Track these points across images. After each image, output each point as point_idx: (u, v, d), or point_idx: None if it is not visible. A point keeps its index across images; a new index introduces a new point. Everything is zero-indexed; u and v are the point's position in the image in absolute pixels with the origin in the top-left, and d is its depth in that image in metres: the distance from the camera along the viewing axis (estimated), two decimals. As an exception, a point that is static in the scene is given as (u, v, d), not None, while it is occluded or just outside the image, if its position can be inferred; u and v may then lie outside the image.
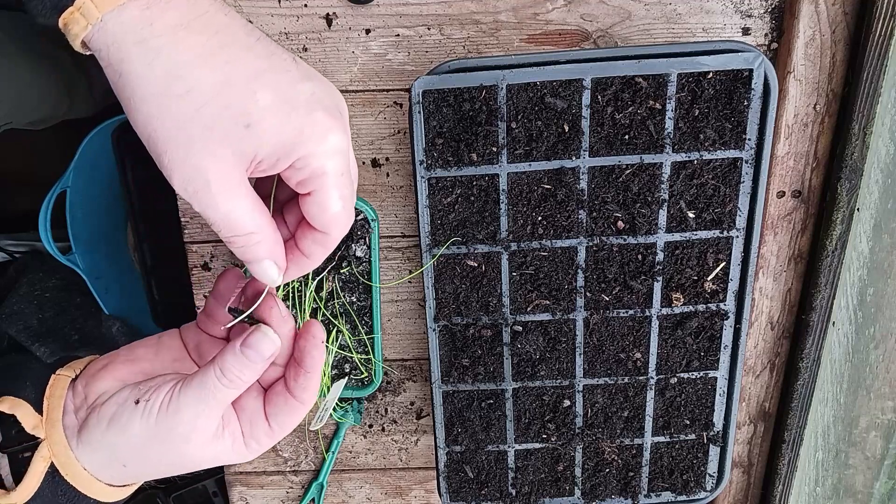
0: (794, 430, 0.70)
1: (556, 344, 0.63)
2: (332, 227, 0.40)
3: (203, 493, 1.23)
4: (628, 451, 0.67)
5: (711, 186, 0.58)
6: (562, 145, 0.57)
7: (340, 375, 0.69)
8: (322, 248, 0.41)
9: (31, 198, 1.17)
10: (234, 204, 0.36)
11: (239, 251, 0.39)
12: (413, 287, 0.70)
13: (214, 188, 0.35)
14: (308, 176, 0.38)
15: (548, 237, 0.60)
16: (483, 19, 0.61)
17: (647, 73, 0.55)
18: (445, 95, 0.56)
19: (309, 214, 0.40)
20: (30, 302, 1.17)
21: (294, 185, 0.39)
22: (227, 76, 0.35)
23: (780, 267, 0.67)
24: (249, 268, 0.40)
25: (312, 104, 0.37)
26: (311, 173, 0.38)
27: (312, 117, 0.37)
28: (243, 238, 0.38)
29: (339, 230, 0.41)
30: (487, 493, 0.69)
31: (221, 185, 0.36)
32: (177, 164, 0.35)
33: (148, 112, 0.35)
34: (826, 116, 0.62)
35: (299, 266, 0.42)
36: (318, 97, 0.38)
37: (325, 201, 0.39)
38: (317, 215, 0.39)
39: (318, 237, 0.41)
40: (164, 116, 0.34)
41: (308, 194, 0.39)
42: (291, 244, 0.42)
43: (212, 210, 0.36)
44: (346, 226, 0.41)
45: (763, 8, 0.60)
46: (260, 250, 0.39)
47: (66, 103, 0.98)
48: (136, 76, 0.34)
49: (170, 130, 0.35)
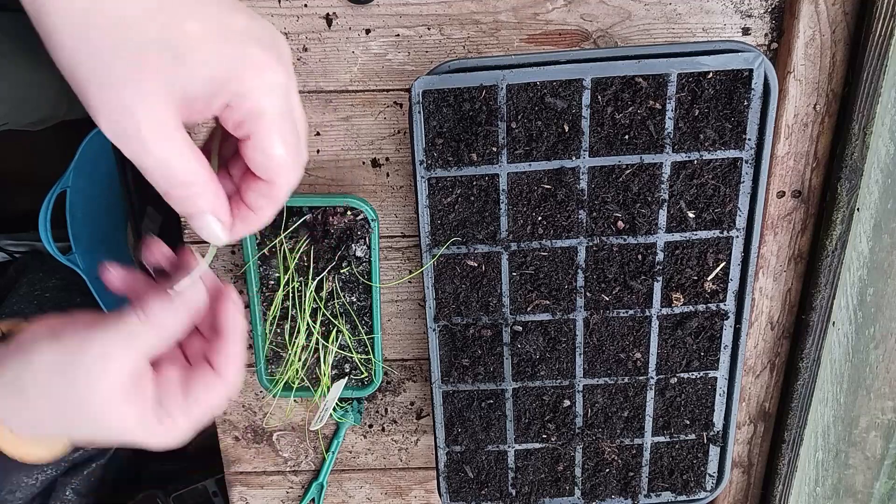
0: (794, 430, 0.70)
1: (556, 344, 0.63)
2: (276, 174, 0.38)
3: (203, 493, 1.23)
4: (628, 451, 0.67)
5: (711, 186, 0.58)
6: (562, 145, 0.57)
7: (340, 375, 0.69)
8: (268, 200, 0.39)
9: (31, 198, 1.17)
10: (168, 149, 0.34)
11: (177, 204, 0.37)
12: (413, 287, 0.70)
13: (145, 130, 0.33)
14: (244, 116, 0.35)
15: (548, 237, 0.60)
16: (483, 19, 0.61)
17: (647, 73, 0.55)
18: (445, 95, 0.56)
19: (251, 161, 0.37)
20: (30, 302, 1.17)
21: (232, 129, 0.36)
22: (153, 6, 0.33)
23: (780, 267, 0.67)
24: (191, 223, 0.38)
25: (246, 38, 0.35)
26: (247, 112, 0.35)
27: (246, 51, 0.35)
28: (181, 189, 0.36)
29: (284, 179, 0.38)
30: (487, 493, 0.69)
31: (153, 127, 0.33)
32: (103, 103, 0.32)
33: (71, 46, 0.32)
34: (826, 116, 0.62)
35: (247, 223, 0.39)
36: (254, 32, 0.35)
37: (264, 145, 0.36)
38: (258, 161, 0.37)
39: (263, 188, 0.38)
40: (86, 51, 0.32)
41: (247, 138, 0.36)
42: (237, 199, 0.39)
43: (145, 155, 0.34)
44: (293, 174, 0.38)
45: (763, 8, 0.60)
46: (200, 202, 0.37)
47: (65, 104, 0.98)
48: (55, 7, 0.32)
49: (93, 66, 0.32)
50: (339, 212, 0.62)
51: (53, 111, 0.98)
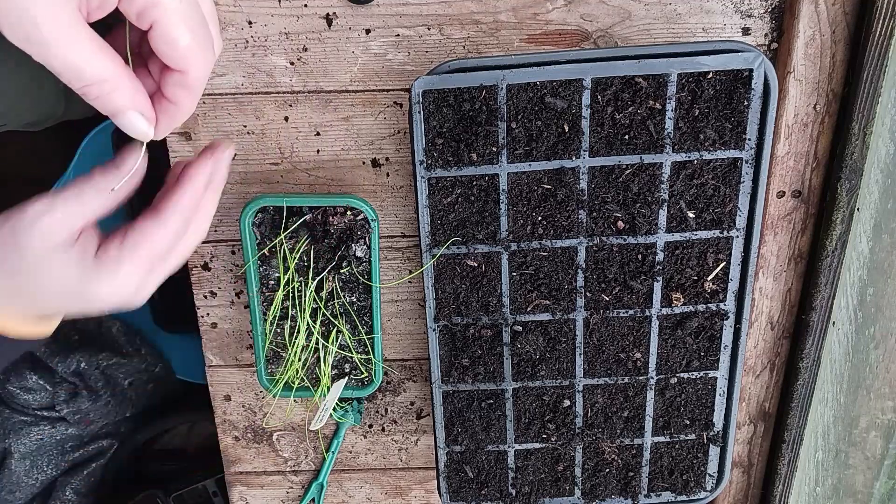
0: (794, 430, 0.70)
1: (556, 344, 0.63)
2: (187, 62, 0.37)
3: (203, 492, 1.23)
4: (628, 451, 0.67)
5: (711, 186, 0.58)
6: (562, 145, 0.57)
7: (340, 375, 0.69)
8: (185, 90, 0.39)
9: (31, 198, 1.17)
10: (74, 47, 0.34)
11: (97, 103, 0.37)
12: (413, 287, 0.70)
13: (46, 29, 0.33)
14: (143, 5, 0.35)
15: (548, 237, 0.60)
16: (483, 19, 0.61)
17: (647, 73, 0.55)
18: (445, 95, 0.56)
19: (158, 52, 0.37)
20: (30, 302, 1.17)
21: (135, 21, 0.36)
22: None
23: (780, 267, 0.67)
24: (115, 121, 0.38)
25: None
26: (144, 1, 0.35)
27: None
28: (96, 87, 0.36)
29: (195, 66, 0.38)
30: (487, 493, 0.69)
31: (53, 25, 0.33)
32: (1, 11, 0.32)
33: None
34: (826, 116, 0.62)
35: (169, 115, 0.40)
36: None
37: (168, 33, 0.36)
38: (164, 51, 0.37)
39: (178, 78, 0.38)
40: None
41: (151, 28, 0.36)
42: (159, 95, 0.40)
43: (52, 58, 0.34)
44: (205, 60, 0.38)
45: (763, 8, 0.60)
46: (118, 98, 0.37)
47: (63, 105, 0.98)
48: None
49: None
50: (339, 212, 0.62)
51: (52, 111, 0.98)
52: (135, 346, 1.19)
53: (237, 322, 0.72)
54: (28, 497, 1.16)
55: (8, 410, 1.11)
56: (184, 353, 1.24)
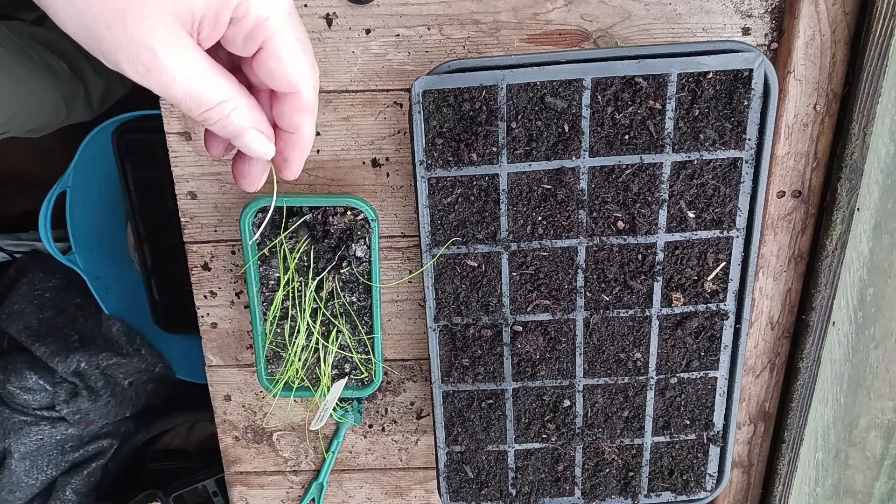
0: (794, 430, 0.70)
1: (556, 344, 0.63)
2: (298, 80, 0.37)
3: (203, 493, 1.23)
4: (628, 451, 0.67)
5: (711, 186, 0.58)
6: (562, 145, 0.57)
7: (340, 375, 0.69)
8: (302, 113, 0.38)
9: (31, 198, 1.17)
10: (192, 71, 0.34)
11: (217, 127, 0.36)
12: (413, 287, 0.70)
13: (163, 56, 0.33)
14: (253, 25, 0.35)
15: (548, 237, 0.60)
16: (483, 19, 0.61)
17: (647, 73, 0.55)
18: (445, 95, 0.56)
19: (269, 74, 0.36)
20: (30, 302, 1.17)
21: (242, 46, 0.36)
22: None
23: (780, 267, 0.67)
24: (236, 144, 0.38)
25: None
26: (255, 20, 0.35)
27: None
28: (216, 110, 0.35)
29: (306, 84, 0.37)
30: (487, 493, 0.69)
31: (171, 52, 0.33)
32: (117, 43, 0.32)
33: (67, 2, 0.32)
34: (826, 116, 0.62)
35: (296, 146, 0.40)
36: None
37: (278, 46, 0.36)
38: (276, 70, 0.36)
39: (291, 101, 0.38)
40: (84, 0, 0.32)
41: (260, 50, 0.36)
42: (277, 130, 0.39)
43: (171, 84, 0.34)
44: (315, 76, 0.38)
45: (763, 8, 0.60)
46: (238, 118, 0.36)
47: (64, 111, 0.98)
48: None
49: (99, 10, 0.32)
50: (339, 212, 0.62)
51: (53, 118, 0.98)
52: (135, 346, 1.19)
53: (237, 322, 0.72)
54: (28, 497, 1.16)
55: (8, 410, 1.11)
56: (184, 353, 1.24)
